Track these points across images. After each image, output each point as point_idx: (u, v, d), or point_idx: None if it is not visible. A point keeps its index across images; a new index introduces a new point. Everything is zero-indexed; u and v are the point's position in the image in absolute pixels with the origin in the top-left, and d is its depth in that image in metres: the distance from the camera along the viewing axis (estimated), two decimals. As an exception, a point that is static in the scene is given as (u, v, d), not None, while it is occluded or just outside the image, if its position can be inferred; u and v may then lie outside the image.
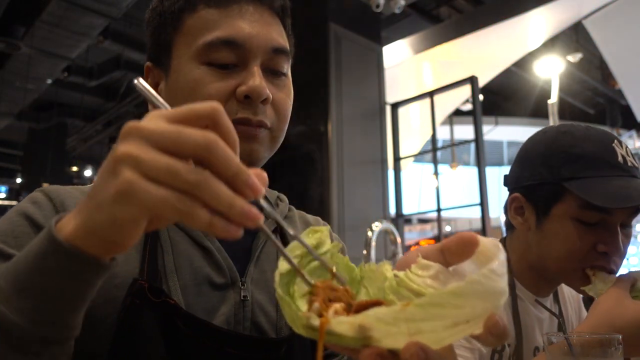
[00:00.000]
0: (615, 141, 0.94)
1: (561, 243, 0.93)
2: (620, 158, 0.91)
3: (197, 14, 0.73)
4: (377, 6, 4.71)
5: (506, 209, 1.05)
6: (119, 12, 5.74)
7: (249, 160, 0.73)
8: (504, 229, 1.12)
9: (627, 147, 0.95)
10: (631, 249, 7.51)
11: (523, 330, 0.99)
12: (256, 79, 0.70)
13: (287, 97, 0.77)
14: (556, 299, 1.11)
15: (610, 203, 0.86)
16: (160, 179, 0.37)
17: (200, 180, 0.37)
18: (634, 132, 9.59)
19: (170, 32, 0.75)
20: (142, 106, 8.62)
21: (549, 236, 0.95)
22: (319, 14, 4.58)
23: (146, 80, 0.80)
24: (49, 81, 7.71)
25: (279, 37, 0.76)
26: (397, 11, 4.99)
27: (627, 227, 0.95)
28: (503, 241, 1.08)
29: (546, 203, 0.95)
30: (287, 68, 0.78)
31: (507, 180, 1.06)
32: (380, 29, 5.32)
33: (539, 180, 0.95)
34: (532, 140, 1.02)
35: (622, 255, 0.94)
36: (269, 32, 0.74)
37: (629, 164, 0.92)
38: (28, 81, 7.48)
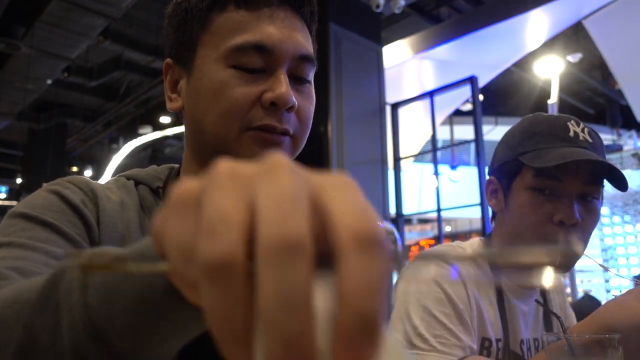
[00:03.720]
0: (572, 121, 1.01)
1: (522, 215, 0.99)
2: (571, 133, 0.99)
3: (226, 14, 0.71)
4: (377, 6, 4.71)
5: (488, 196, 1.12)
6: (119, 13, 5.74)
7: None
8: None
9: (585, 127, 1.01)
10: (632, 249, 7.50)
11: (509, 324, 1.01)
12: (283, 87, 0.69)
13: (310, 105, 0.76)
14: (542, 292, 1.12)
15: (546, 163, 0.93)
16: None
17: None
18: (634, 132, 9.59)
19: (197, 30, 0.73)
20: (142, 106, 8.62)
21: (513, 211, 1.02)
22: (319, 14, 4.57)
23: (165, 77, 0.78)
24: (49, 81, 7.71)
25: (306, 43, 0.75)
26: (397, 11, 5.00)
27: (588, 199, 0.98)
28: (488, 238, 1.10)
29: (508, 179, 1.03)
30: (311, 75, 0.76)
31: (488, 171, 1.15)
32: (380, 29, 5.33)
33: (503, 160, 1.05)
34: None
35: (584, 229, 0.97)
36: (297, 38, 0.73)
37: (581, 138, 0.98)
38: (28, 81, 7.48)
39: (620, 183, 0.97)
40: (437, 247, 1.09)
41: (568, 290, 6.23)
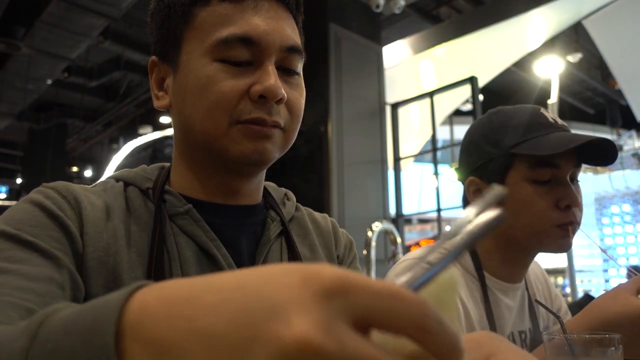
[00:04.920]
0: (542, 109, 1.04)
1: (524, 207, 0.98)
2: (550, 119, 1.01)
3: (210, 8, 0.70)
4: (377, 6, 4.71)
5: (465, 198, 1.09)
6: (119, 13, 5.74)
7: (260, 159, 0.71)
8: None
9: (552, 113, 1.04)
10: (632, 249, 7.50)
11: (496, 321, 1.01)
12: (271, 79, 0.68)
13: (300, 96, 0.75)
14: (526, 283, 1.13)
15: (556, 149, 0.93)
16: None
17: None
18: (634, 132, 9.58)
19: (181, 25, 0.72)
20: (142, 106, 8.62)
21: (511, 205, 1.00)
22: (319, 14, 4.59)
23: (150, 75, 0.77)
24: (49, 81, 7.70)
25: (293, 34, 0.74)
26: (397, 11, 5.00)
27: (575, 182, 1.01)
28: None
29: (499, 175, 1.02)
30: (300, 66, 0.75)
31: (459, 172, 1.12)
32: (380, 29, 5.33)
33: (488, 157, 1.03)
34: (471, 129, 1.11)
35: (581, 210, 1.00)
36: (284, 29, 0.72)
37: (559, 123, 1.02)
38: (28, 82, 7.48)
39: (608, 158, 0.99)
40: (422, 248, 1.09)
41: (568, 290, 6.22)
